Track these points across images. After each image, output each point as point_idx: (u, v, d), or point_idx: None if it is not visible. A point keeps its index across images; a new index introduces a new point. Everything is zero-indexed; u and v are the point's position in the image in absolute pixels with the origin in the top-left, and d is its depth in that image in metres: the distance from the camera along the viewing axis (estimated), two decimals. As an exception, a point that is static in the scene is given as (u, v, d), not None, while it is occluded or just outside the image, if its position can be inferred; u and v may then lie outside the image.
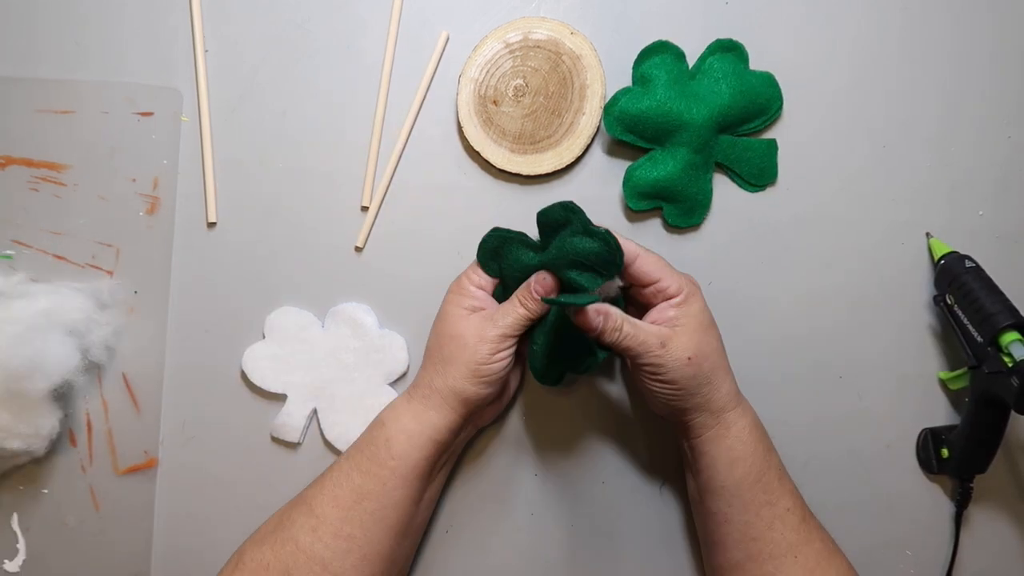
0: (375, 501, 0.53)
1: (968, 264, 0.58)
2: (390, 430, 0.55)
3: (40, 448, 0.59)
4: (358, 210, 0.63)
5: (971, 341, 0.56)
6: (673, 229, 0.63)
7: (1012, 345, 0.53)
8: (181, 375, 0.62)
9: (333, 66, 0.64)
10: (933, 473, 0.60)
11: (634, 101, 0.60)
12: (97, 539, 0.61)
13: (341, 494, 0.53)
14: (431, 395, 0.55)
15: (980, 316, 0.55)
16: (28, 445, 0.58)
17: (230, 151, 0.64)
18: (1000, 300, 0.55)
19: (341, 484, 0.54)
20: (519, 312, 0.54)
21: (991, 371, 0.53)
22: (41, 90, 0.63)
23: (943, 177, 0.63)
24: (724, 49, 0.61)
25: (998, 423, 0.56)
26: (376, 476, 0.53)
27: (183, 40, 0.64)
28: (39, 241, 0.63)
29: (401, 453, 0.54)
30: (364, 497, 0.53)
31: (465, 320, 0.55)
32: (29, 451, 0.59)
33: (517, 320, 0.54)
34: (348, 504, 0.53)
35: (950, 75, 0.63)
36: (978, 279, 0.57)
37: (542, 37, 0.62)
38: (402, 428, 0.54)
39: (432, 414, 0.54)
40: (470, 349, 0.54)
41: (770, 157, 0.62)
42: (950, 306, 0.58)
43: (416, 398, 0.55)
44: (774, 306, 0.62)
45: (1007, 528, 0.61)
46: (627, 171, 0.61)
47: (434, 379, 0.55)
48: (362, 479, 0.53)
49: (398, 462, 0.53)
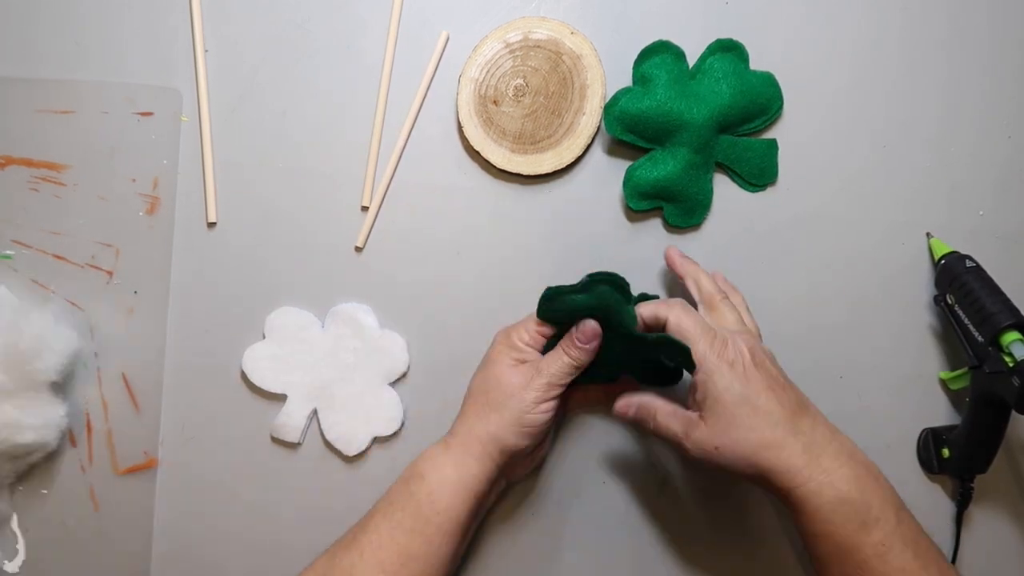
0: (423, 562, 0.51)
1: (969, 264, 0.58)
2: (431, 482, 0.52)
3: (53, 440, 0.59)
4: (358, 210, 0.63)
5: (972, 341, 0.56)
6: (673, 229, 0.63)
7: (1013, 345, 0.53)
8: (181, 375, 0.62)
9: (333, 66, 0.64)
10: (934, 473, 0.60)
11: (634, 101, 0.60)
12: (97, 539, 0.61)
13: (386, 558, 0.51)
14: (471, 443, 0.53)
15: (981, 316, 0.55)
16: (41, 437, 0.58)
17: (230, 151, 0.64)
18: (1001, 300, 0.55)
19: (384, 547, 0.51)
20: (564, 360, 0.54)
21: (992, 371, 0.53)
22: (41, 90, 0.63)
23: (943, 177, 0.63)
24: (724, 49, 0.61)
25: (999, 423, 0.56)
26: (422, 535, 0.51)
27: (183, 40, 0.64)
28: (39, 241, 0.63)
29: (446, 507, 0.52)
30: (411, 559, 0.51)
31: (512, 369, 0.55)
32: (43, 444, 0.58)
33: (562, 369, 0.53)
34: (395, 569, 0.50)
35: (950, 75, 0.63)
36: (979, 279, 0.57)
37: (542, 37, 0.62)
38: (444, 479, 0.52)
39: (472, 463, 0.53)
40: (516, 397, 0.53)
41: (770, 157, 0.62)
42: (951, 306, 0.58)
43: (455, 446, 0.54)
44: (774, 306, 0.62)
45: (1008, 528, 0.61)
46: (627, 171, 0.61)
47: (475, 426, 0.54)
48: (407, 539, 0.51)
49: (443, 517, 0.51)
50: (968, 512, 0.60)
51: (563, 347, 0.54)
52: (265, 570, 0.61)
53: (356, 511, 0.60)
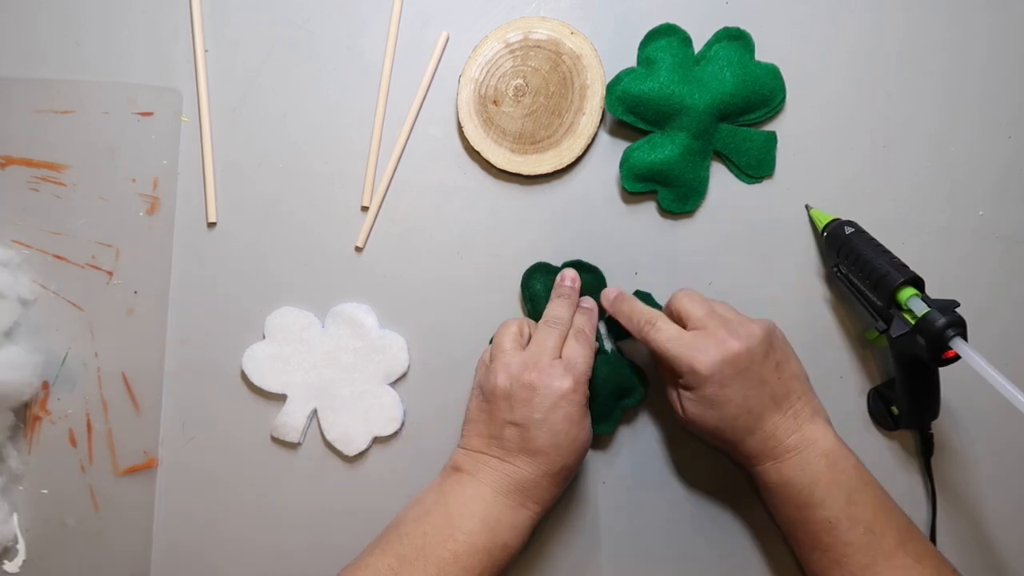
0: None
1: (848, 230, 0.57)
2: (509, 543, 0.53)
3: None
4: (358, 210, 0.63)
5: (873, 305, 0.55)
6: (667, 214, 0.63)
7: (911, 301, 0.52)
8: (181, 375, 0.62)
9: (333, 66, 0.64)
10: (891, 430, 0.61)
11: (637, 82, 0.60)
12: (97, 539, 0.61)
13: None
14: (533, 505, 0.54)
15: (874, 279, 0.54)
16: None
17: (230, 151, 0.64)
18: (888, 260, 0.54)
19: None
20: (580, 341, 0.56)
21: (898, 333, 0.52)
22: (41, 90, 0.63)
23: (943, 177, 0.63)
24: (731, 37, 0.62)
25: (928, 374, 0.56)
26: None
27: (183, 40, 0.64)
28: (39, 241, 0.63)
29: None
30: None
31: (585, 416, 0.54)
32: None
33: (586, 356, 0.55)
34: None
35: (950, 75, 0.63)
36: (862, 242, 0.56)
37: (542, 37, 0.62)
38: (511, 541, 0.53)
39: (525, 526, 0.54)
40: (585, 446, 0.55)
41: (769, 149, 0.62)
42: (845, 275, 0.58)
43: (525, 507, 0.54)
44: (762, 299, 0.62)
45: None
46: (625, 152, 0.61)
47: (544, 488, 0.54)
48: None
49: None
50: (935, 460, 0.60)
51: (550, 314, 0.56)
52: (265, 570, 0.61)
53: (356, 511, 0.60)
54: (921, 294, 0.53)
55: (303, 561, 0.60)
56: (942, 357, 0.51)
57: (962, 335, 0.50)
